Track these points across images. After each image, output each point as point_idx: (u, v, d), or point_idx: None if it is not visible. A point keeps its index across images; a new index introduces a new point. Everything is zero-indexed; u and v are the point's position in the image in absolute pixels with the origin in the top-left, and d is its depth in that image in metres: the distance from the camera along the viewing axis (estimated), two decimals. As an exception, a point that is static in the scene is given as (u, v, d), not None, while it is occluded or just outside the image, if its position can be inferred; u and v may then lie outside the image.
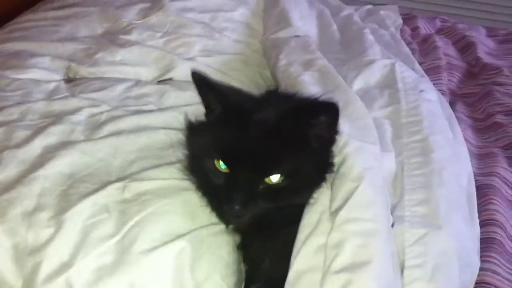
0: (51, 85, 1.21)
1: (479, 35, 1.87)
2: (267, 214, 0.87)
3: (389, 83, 1.22)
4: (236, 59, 1.42)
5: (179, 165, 0.98)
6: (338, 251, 0.78)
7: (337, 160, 0.90)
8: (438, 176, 0.97)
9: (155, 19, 1.49)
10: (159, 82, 1.28)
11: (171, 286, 0.85)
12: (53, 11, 1.52)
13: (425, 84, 1.27)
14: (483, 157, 1.28)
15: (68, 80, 1.25)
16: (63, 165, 0.99)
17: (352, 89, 1.18)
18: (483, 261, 1.01)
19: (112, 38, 1.39)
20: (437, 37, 1.77)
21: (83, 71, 1.28)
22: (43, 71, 1.25)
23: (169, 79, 1.29)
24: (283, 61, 1.27)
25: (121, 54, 1.34)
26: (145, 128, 1.10)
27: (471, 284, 0.95)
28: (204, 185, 0.92)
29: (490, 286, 0.97)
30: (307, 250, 0.82)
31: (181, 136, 0.99)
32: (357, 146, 0.91)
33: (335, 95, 1.07)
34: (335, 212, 0.83)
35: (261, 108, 0.89)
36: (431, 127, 1.08)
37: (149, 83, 1.27)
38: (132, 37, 1.40)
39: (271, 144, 0.84)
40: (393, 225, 0.89)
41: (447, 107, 1.29)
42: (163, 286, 0.85)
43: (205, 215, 0.93)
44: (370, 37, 1.47)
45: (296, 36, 1.42)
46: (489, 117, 1.44)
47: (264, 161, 0.84)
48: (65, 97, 1.17)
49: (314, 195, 0.88)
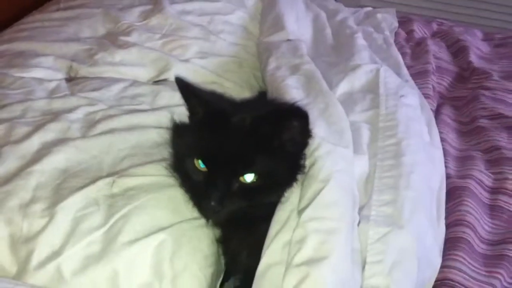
0: (53, 84, 1.29)
1: (474, 39, 1.90)
2: (244, 210, 0.94)
3: (372, 88, 1.28)
4: (230, 61, 1.48)
5: (166, 163, 1.05)
6: (300, 246, 0.85)
7: (308, 162, 0.96)
8: (406, 179, 1.03)
9: (155, 21, 1.56)
10: (155, 82, 1.35)
11: (150, 274, 0.92)
12: (59, 12, 1.60)
13: (407, 89, 1.32)
14: (462, 160, 1.33)
15: (69, 79, 1.33)
16: (58, 160, 1.06)
17: (335, 93, 1.24)
18: (449, 259, 1.06)
19: (112, 39, 1.47)
20: (431, 41, 1.82)
21: (84, 70, 1.36)
22: (46, 70, 1.33)
23: (164, 80, 1.36)
24: (272, 64, 1.33)
25: (120, 55, 1.41)
26: (138, 126, 1.17)
27: (431, 280, 1.01)
28: (186, 182, 0.98)
29: (454, 283, 1.03)
30: (275, 245, 0.89)
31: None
32: (328, 149, 0.97)
33: (316, 99, 1.14)
34: (302, 210, 0.90)
35: (239, 112, 0.95)
36: (406, 131, 1.14)
37: (144, 83, 1.34)
38: (131, 38, 1.47)
39: (246, 146, 0.91)
40: (359, 223, 0.95)
41: (428, 111, 1.34)
42: (143, 274, 0.92)
43: (188, 210, 0.99)
44: (360, 42, 1.53)
45: (288, 40, 1.48)
46: (473, 121, 1.49)
47: (239, 162, 0.90)
48: (64, 96, 1.25)
49: (285, 194, 0.95)
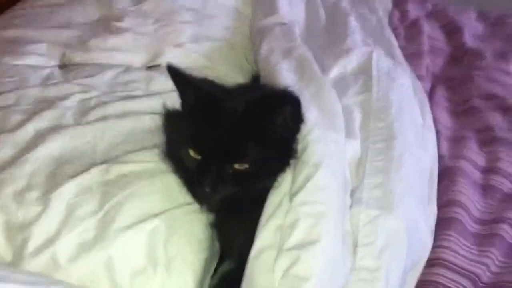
0: (46, 71, 1.29)
1: (469, 19, 1.89)
2: (238, 195, 0.95)
3: (364, 70, 1.28)
4: (223, 45, 1.48)
5: (159, 149, 1.05)
6: (291, 230, 0.86)
7: (300, 146, 0.97)
8: (397, 161, 1.04)
9: (147, 5, 1.55)
10: (148, 68, 1.36)
11: (144, 260, 0.93)
12: (50, -3, 1.59)
13: (400, 71, 1.32)
14: (455, 141, 1.34)
15: (62, 66, 1.33)
16: (52, 148, 1.07)
17: (328, 76, 1.24)
18: (442, 239, 1.08)
19: (105, 24, 1.47)
20: (425, 21, 1.81)
21: (77, 57, 1.36)
22: (39, 57, 1.33)
23: (158, 65, 1.36)
24: (265, 48, 1.33)
25: (113, 40, 1.41)
26: (131, 113, 1.17)
27: (423, 260, 1.03)
28: (179, 169, 0.99)
29: (446, 262, 1.04)
30: (268, 229, 0.90)
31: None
32: (320, 134, 0.98)
33: (309, 84, 1.14)
34: (293, 195, 0.91)
35: (231, 99, 0.96)
36: (398, 113, 1.14)
37: (138, 69, 1.34)
38: (124, 24, 1.47)
39: (238, 133, 0.92)
40: (352, 206, 0.97)
41: (421, 92, 1.35)
42: (138, 259, 0.93)
43: (182, 196, 1.00)
44: (353, 24, 1.52)
45: (282, 23, 1.48)
46: (466, 102, 1.49)
47: (232, 149, 0.91)
48: (58, 83, 1.26)
49: (278, 179, 0.95)
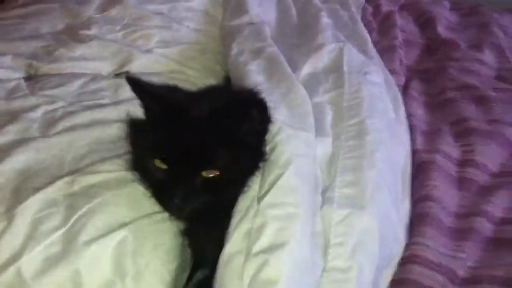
0: (12, 84, 1.26)
1: (442, 9, 1.90)
2: (209, 204, 0.93)
3: (335, 67, 1.27)
4: (193, 48, 1.47)
5: (126, 158, 1.03)
6: (259, 234, 0.85)
7: (269, 147, 0.95)
8: (369, 158, 1.03)
9: (114, 12, 1.53)
10: (116, 75, 1.34)
11: (112, 272, 0.91)
12: (18, 9, 1.57)
13: (372, 66, 1.31)
14: (430, 135, 1.33)
15: (28, 78, 1.30)
16: (17, 161, 1.04)
17: (299, 75, 1.22)
18: (417, 236, 1.07)
19: (72, 33, 1.44)
20: (397, 15, 1.81)
21: (44, 68, 1.33)
22: (4, 70, 1.30)
23: (126, 72, 1.34)
24: (234, 50, 1.32)
25: (81, 49, 1.38)
26: (99, 122, 1.15)
27: (397, 256, 1.03)
28: (146, 179, 0.97)
29: (421, 259, 1.03)
30: (237, 234, 0.88)
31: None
32: (289, 133, 0.96)
33: (278, 84, 1.13)
34: (261, 197, 0.89)
35: (196, 105, 0.93)
36: (370, 110, 1.13)
37: (105, 77, 1.32)
38: (91, 31, 1.45)
39: (205, 140, 0.89)
40: (323, 206, 0.95)
41: (394, 88, 1.34)
42: (105, 272, 0.91)
43: (149, 205, 0.97)
44: (325, 21, 1.51)
45: (250, 23, 1.46)
46: (441, 93, 1.49)
47: (199, 158, 0.89)
48: (24, 95, 1.23)
49: (249, 183, 0.94)
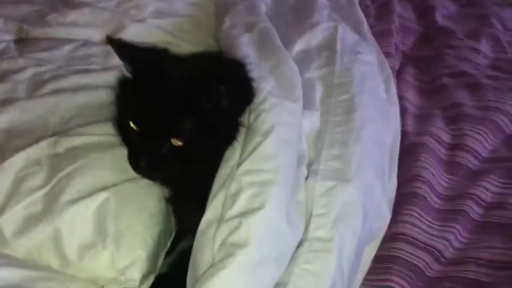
0: (1, 46, 1.25)
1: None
2: (186, 172, 0.92)
3: (328, 45, 1.25)
4: (187, 21, 1.44)
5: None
6: (234, 200, 0.83)
7: (252, 116, 0.94)
8: (356, 133, 1.02)
9: (109, -20, 1.51)
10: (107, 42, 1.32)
11: (93, 233, 0.91)
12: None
13: (365, 46, 1.29)
14: (421, 118, 1.33)
15: (18, 40, 1.29)
16: (2, 121, 1.04)
17: (291, 51, 1.20)
18: (404, 214, 1.07)
19: (65, -1, 1.43)
20: (396, 1, 1.79)
21: (34, 32, 1.32)
22: (-6, 32, 1.29)
23: (118, 40, 1.32)
24: (227, 23, 1.29)
25: (72, 15, 1.37)
26: (86, 87, 1.14)
27: (381, 232, 1.03)
28: (124, 140, 0.95)
29: (408, 237, 1.03)
30: (216, 201, 0.86)
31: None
32: (273, 102, 0.95)
33: (268, 56, 1.11)
34: (239, 164, 0.88)
35: (176, 71, 0.92)
36: (360, 87, 1.12)
37: (96, 43, 1.30)
38: (84, -2, 1.43)
39: (174, 108, 0.88)
40: (308, 178, 0.94)
41: (387, 69, 1.32)
42: (86, 233, 0.91)
43: (134, 169, 0.97)
44: (321, 1, 1.49)
45: None
46: (435, 80, 1.48)
47: (168, 124, 0.88)
48: (12, 57, 1.22)
49: (226, 152, 0.92)
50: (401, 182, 1.14)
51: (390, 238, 1.04)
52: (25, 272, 0.89)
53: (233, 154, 0.91)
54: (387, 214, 1.04)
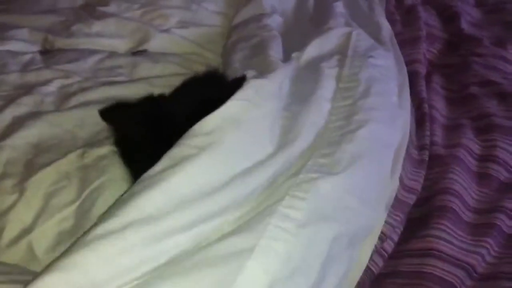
0: (27, 57, 1.26)
1: (466, 5, 1.85)
2: None
3: (341, 50, 1.24)
4: (213, 31, 1.45)
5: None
6: None
7: None
8: (351, 134, 1.00)
9: (133, -10, 1.52)
10: (134, 54, 1.32)
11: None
12: (37, -17, 1.55)
13: (380, 51, 1.28)
14: (451, 129, 1.30)
15: (44, 51, 1.30)
16: (30, 135, 1.04)
17: (301, 54, 1.20)
18: (435, 229, 1.04)
19: (90, 9, 1.44)
20: (421, 8, 1.77)
21: (59, 42, 1.33)
22: (21, 43, 1.31)
23: (144, 51, 1.32)
24: (232, 38, 1.31)
25: (98, 26, 1.38)
26: (114, 99, 1.11)
27: (375, 230, 1.00)
28: None
29: (439, 253, 1.00)
30: None
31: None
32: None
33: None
34: None
35: (172, 115, 0.93)
36: (365, 91, 1.11)
37: (122, 54, 1.31)
38: (109, 8, 1.44)
39: None
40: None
41: (404, 75, 1.30)
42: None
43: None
44: (339, 10, 1.46)
45: (260, 14, 1.43)
46: (463, 89, 1.45)
47: None
48: (38, 69, 1.23)
49: None
50: (431, 195, 1.12)
51: (420, 253, 1.01)
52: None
53: None
54: (382, 212, 1.02)
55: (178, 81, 1.03)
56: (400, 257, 1.01)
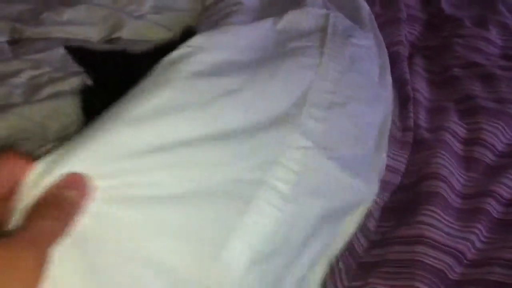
0: (-6, 47, 1.21)
1: (446, -15, 1.84)
2: None
3: (319, 29, 1.18)
4: (187, 16, 1.40)
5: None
6: None
7: None
8: (341, 107, 0.98)
9: (105, -25, 1.46)
10: (106, 42, 1.27)
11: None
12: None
13: (359, 31, 1.25)
14: (434, 111, 1.28)
15: (12, 41, 1.24)
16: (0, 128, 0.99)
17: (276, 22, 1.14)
18: (423, 215, 1.01)
19: (60, -4, 1.38)
20: (400, -11, 1.74)
21: (29, 31, 1.27)
22: (-13, 33, 1.24)
23: (117, 39, 1.28)
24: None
25: (68, 13, 1.32)
26: (86, 89, 1.09)
27: (362, 205, 0.99)
28: None
29: (429, 240, 0.98)
30: None
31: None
32: None
33: None
34: None
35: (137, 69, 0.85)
36: (349, 66, 1.08)
37: (95, 43, 1.26)
38: (80, -6, 1.38)
39: None
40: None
41: (385, 57, 1.27)
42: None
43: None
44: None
45: None
46: (446, 71, 1.43)
47: None
48: (7, 59, 1.17)
49: None
50: (417, 180, 1.09)
51: (409, 240, 0.99)
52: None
53: None
54: (371, 188, 1.00)
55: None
56: (388, 245, 0.99)
